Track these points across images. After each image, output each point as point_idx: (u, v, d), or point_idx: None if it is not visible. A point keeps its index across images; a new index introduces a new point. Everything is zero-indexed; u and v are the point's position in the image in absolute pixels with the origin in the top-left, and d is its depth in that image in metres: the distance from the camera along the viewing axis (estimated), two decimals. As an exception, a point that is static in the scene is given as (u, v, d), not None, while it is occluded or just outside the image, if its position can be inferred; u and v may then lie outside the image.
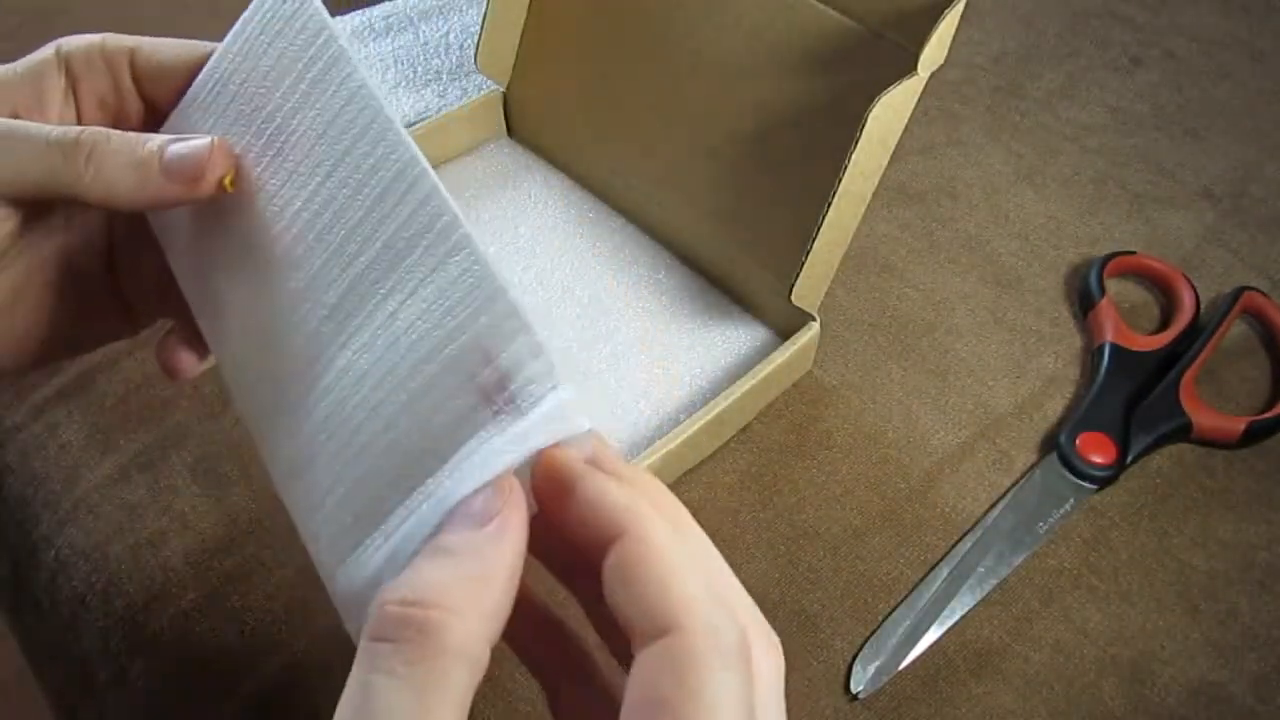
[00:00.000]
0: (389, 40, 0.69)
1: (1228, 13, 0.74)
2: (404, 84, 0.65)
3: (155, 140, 0.29)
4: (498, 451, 0.22)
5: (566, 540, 0.22)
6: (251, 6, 0.30)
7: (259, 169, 0.28)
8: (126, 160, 0.28)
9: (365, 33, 0.69)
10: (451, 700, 0.19)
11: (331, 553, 0.25)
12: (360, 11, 0.70)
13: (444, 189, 0.24)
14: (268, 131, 0.28)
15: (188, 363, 0.34)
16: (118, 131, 0.29)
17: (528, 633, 0.25)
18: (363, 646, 0.20)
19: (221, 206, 0.30)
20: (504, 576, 0.21)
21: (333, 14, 0.28)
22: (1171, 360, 0.49)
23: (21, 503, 0.47)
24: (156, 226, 0.33)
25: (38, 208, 0.30)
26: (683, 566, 0.20)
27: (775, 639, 0.22)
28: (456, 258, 0.23)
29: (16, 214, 0.30)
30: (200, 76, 0.31)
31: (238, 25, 0.30)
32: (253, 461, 0.47)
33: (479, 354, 0.22)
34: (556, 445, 0.22)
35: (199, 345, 0.34)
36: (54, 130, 0.28)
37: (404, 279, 0.24)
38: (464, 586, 0.20)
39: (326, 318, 0.26)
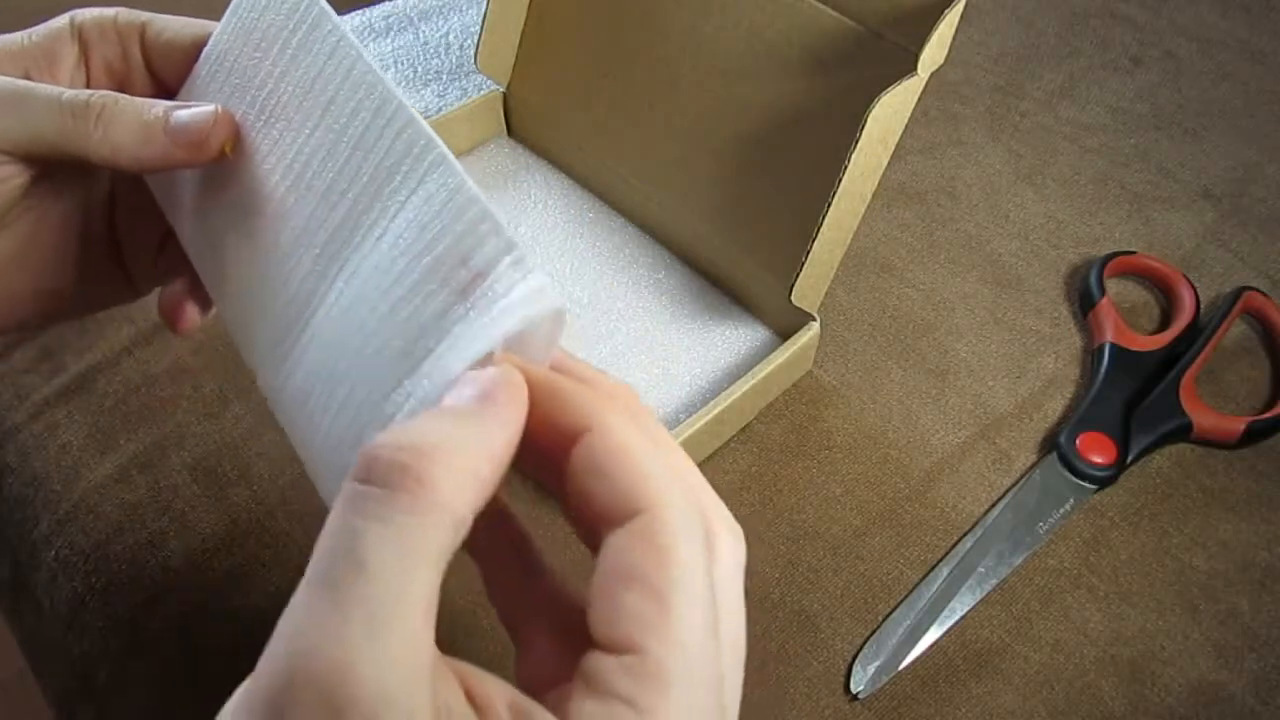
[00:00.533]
0: (389, 40, 0.69)
1: (1227, 13, 0.74)
2: (404, 84, 0.65)
3: (161, 105, 0.30)
4: (473, 336, 0.22)
5: (532, 444, 0.23)
6: None
7: (254, 133, 0.30)
8: (134, 122, 0.30)
9: (365, 33, 0.69)
10: (434, 558, 0.19)
11: (332, 479, 0.25)
12: (360, 11, 0.70)
13: (422, 120, 0.25)
14: (260, 99, 0.30)
15: (191, 316, 0.35)
16: (126, 95, 0.30)
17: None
18: (349, 489, 0.19)
19: (220, 171, 0.31)
20: (499, 449, 0.21)
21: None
22: (1171, 360, 0.49)
23: (21, 503, 0.47)
24: (158, 193, 0.34)
25: (46, 168, 0.31)
26: (650, 454, 0.21)
27: (738, 528, 0.23)
28: (433, 175, 0.24)
29: (27, 171, 0.31)
30: (201, 55, 0.32)
31: (230, 5, 0.31)
32: (253, 461, 0.47)
33: (455, 258, 0.23)
34: (517, 358, 0.23)
35: (202, 299, 0.35)
36: (66, 92, 0.30)
37: (387, 206, 0.25)
38: (462, 448, 0.20)
39: (319, 256, 0.27)
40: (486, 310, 0.22)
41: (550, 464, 0.23)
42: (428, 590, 0.18)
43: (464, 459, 0.20)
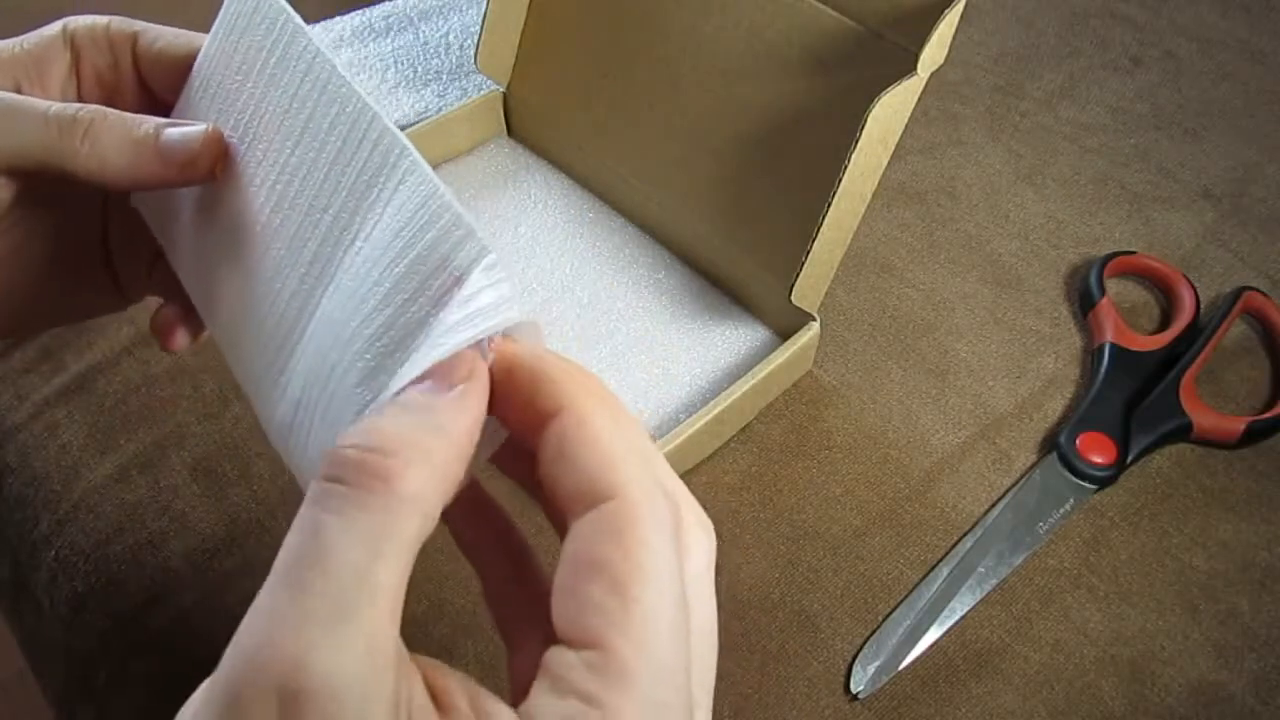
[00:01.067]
0: (389, 40, 0.69)
1: (1227, 13, 0.74)
2: (404, 84, 0.65)
3: (152, 122, 0.30)
4: (435, 343, 0.22)
5: (513, 430, 0.22)
6: (221, 12, 0.31)
7: (240, 155, 0.30)
8: (122, 139, 0.29)
9: (365, 33, 0.69)
10: (401, 550, 0.19)
11: None
12: (360, 11, 0.70)
13: (396, 130, 0.25)
14: (244, 120, 0.30)
15: (182, 338, 0.35)
16: (115, 111, 0.30)
17: (465, 512, 0.25)
18: (315, 487, 0.19)
19: (208, 194, 0.31)
20: (462, 438, 0.21)
21: (333, 14, 0.29)
22: (1171, 360, 0.49)
23: (21, 503, 0.47)
24: (149, 217, 0.34)
25: (35, 180, 0.31)
26: (620, 441, 0.21)
27: (708, 521, 0.23)
28: (406, 184, 0.24)
29: (14, 184, 0.30)
30: (189, 77, 0.32)
31: (212, 30, 0.31)
32: (253, 461, 0.47)
33: (428, 266, 0.22)
34: (504, 338, 0.22)
35: (193, 320, 0.35)
36: (53, 106, 0.29)
37: (366, 219, 0.25)
38: (422, 440, 0.20)
39: (304, 275, 0.27)
40: (457, 319, 0.22)
41: (523, 450, 0.22)
42: (393, 582, 0.18)
43: (425, 449, 0.20)
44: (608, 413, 0.21)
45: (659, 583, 0.20)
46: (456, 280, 0.22)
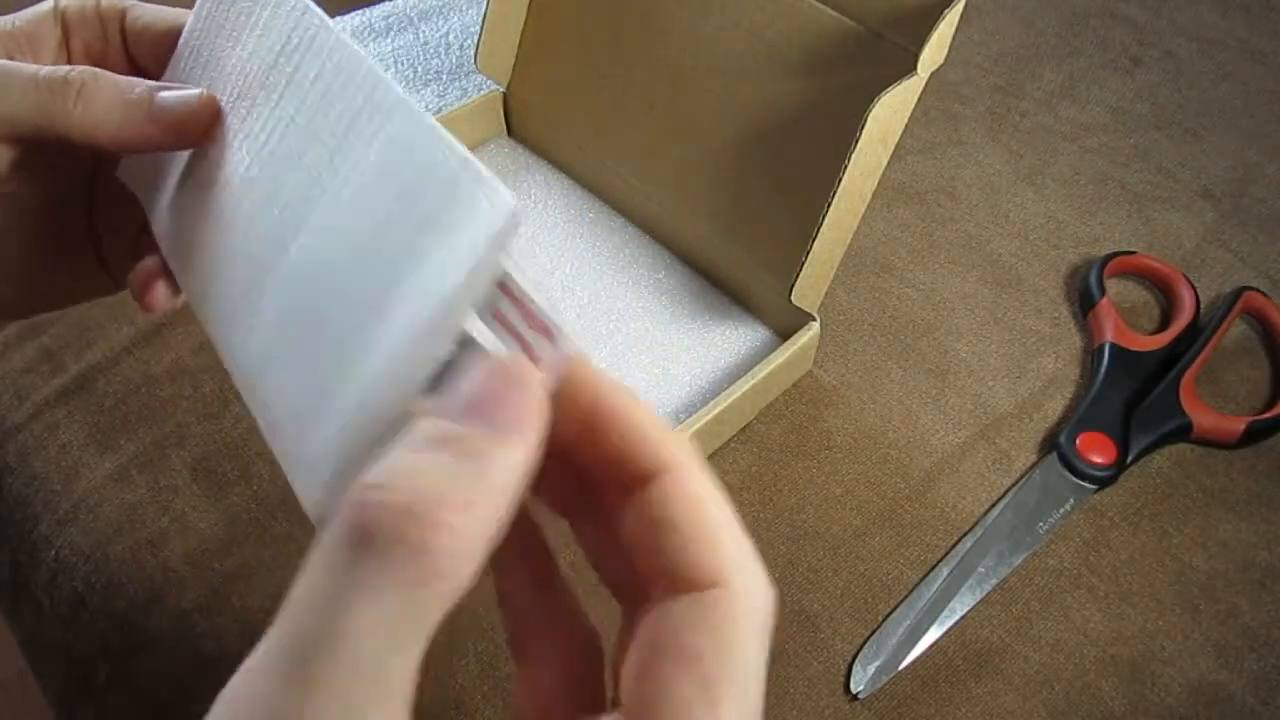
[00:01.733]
0: (389, 40, 0.69)
1: (1227, 13, 0.74)
2: (404, 84, 0.65)
3: (145, 85, 0.30)
4: (443, 266, 0.20)
5: (575, 462, 0.20)
6: None
7: (228, 119, 0.30)
8: (115, 99, 0.29)
9: (365, 33, 0.69)
10: (427, 632, 0.17)
11: (292, 436, 0.24)
12: (360, 11, 0.70)
13: (381, 72, 0.24)
14: (230, 83, 0.29)
15: (160, 293, 0.34)
16: (107, 72, 0.30)
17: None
18: (335, 544, 0.17)
19: (193, 157, 0.31)
20: (510, 495, 0.18)
21: (332, 14, 0.29)
22: (1171, 360, 0.49)
23: (21, 503, 0.47)
24: (133, 183, 0.34)
25: (26, 153, 0.31)
26: (725, 519, 0.20)
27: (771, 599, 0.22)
28: (394, 118, 0.23)
29: (8, 153, 0.30)
30: (178, 49, 0.32)
31: (197, 3, 0.31)
32: (253, 461, 0.47)
33: (416, 192, 0.22)
34: (587, 365, 0.21)
35: (173, 280, 0.35)
36: (43, 69, 0.29)
37: (347, 157, 0.24)
38: (473, 499, 0.17)
39: (279, 218, 0.26)
40: (453, 239, 0.21)
41: (588, 496, 0.21)
42: (411, 671, 0.16)
43: (473, 515, 0.17)
44: (708, 482, 0.20)
45: (746, 687, 0.18)
46: (441, 198, 0.21)
